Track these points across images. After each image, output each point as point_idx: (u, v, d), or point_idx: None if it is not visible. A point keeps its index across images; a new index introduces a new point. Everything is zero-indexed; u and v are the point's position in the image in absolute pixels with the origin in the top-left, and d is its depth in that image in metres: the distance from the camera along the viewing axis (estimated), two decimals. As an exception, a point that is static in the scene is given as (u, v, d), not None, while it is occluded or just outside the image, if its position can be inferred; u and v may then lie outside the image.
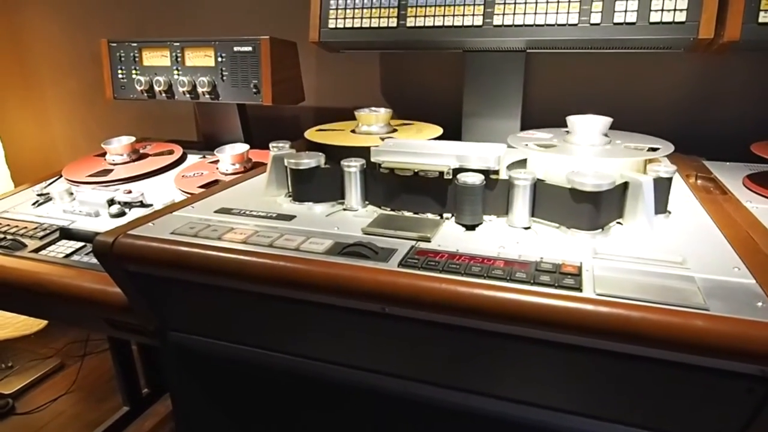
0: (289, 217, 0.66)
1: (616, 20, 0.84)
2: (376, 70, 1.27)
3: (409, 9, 0.95)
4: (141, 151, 1.23)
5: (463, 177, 0.60)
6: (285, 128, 1.41)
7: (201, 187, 1.01)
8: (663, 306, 0.43)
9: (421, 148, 0.66)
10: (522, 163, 0.79)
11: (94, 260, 0.83)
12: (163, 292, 0.64)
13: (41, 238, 0.89)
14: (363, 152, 0.69)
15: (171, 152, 1.23)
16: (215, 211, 0.69)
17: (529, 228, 0.61)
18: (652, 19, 0.82)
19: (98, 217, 0.94)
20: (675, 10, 0.81)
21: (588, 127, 0.78)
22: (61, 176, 1.15)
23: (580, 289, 0.46)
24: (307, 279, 0.53)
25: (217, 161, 1.12)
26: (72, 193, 1.03)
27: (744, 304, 0.43)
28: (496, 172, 0.63)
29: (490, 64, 1.00)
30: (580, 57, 1.09)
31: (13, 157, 1.66)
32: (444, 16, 0.93)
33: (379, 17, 0.97)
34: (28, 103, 1.71)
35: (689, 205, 0.68)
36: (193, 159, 1.22)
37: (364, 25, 0.99)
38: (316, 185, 0.69)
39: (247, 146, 1.08)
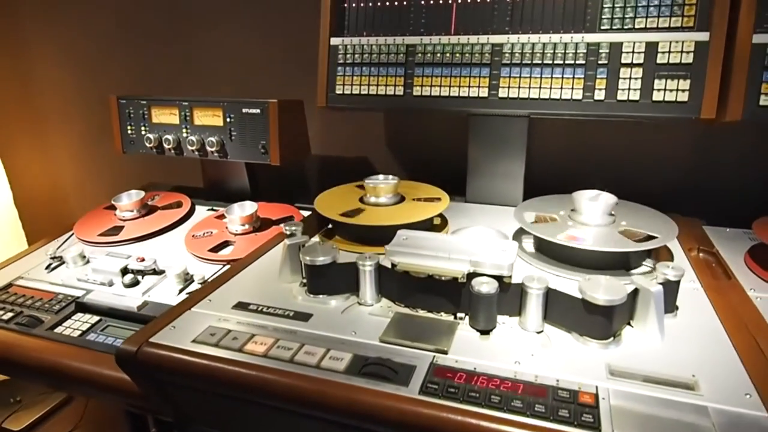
0: (306, 317, 0.65)
1: (619, 98, 0.84)
2: (380, 121, 1.26)
3: (416, 78, 0.94)
4: (149, 203, 1.21)
5: (477, 285, 0.60)
6: (290, 175, 1.40)
7: (211, 250, 1.00)
8: (681, 450, 0.43)
9: (435, 248, 0.65)
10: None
11: (110, 340, 0.83)
12: (185, 396, 0.63)
13: (57, 312, 0.88)
14: (374, 231, 0.68)
15: (179, 204, 1.21)
16: (233, 307, 0.68)
17: (542, 332, 0.61)
18: (654, 98, 0.82)
19: (112, 286, 0.94)
20: (677, 90, 0.81)
21: (593, 209, 0.78)
22: (72, 233, 1.14)
23: (599, 428, 0.46)
24: (328, 402, 0.52)
25: (223, 216, 1.12)
26: (85, 257, 1.02)
27: (760, 451, 0.43)
28: (510, 276, 0.62)
29: (494, 126, 0.99)
30: (585, 121, 1.09)
31: (20, 197, 1.65)
32: (450, 86, 0.92)
33: (386, 85, 0.96)
34: (35, 144, 1.69)
35: (696, 298, 0.68)
36: (201, 211, 1.21)
37: (370, 92, 0.98)
38: (331, 279, 0.69)
39: (255, 206, 1.07)
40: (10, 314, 0.87)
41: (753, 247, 0.81)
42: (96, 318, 0.87)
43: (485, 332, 0.61)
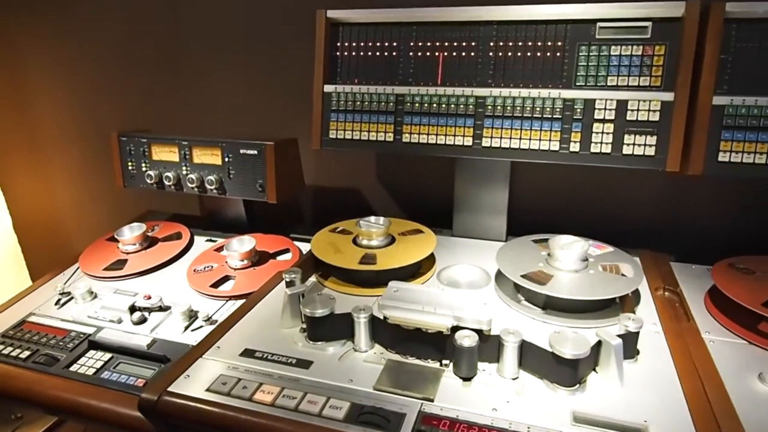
0: (308, 364, 0.74)
1: (593, 150, 0.93)
2: (372, 157, 1.34)
3: (405, 126, 1.03)
4: (150, 233, 1.29)
5: (460, 339, 0.69)
6: (284, 205, 1.48)
7: (212, 285, 1.08)
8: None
9: (422, 301, 0.74)
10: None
11: (123, 378, 0.91)
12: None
13: (71, 350, 0.95)
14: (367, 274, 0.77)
15: (179, 236, 1.29)
16: (240, 354, 0.77)
17: (517, 378, 0.70)
18: (624, 152, 0.91)
19: (121, 323, 1.01)
20: (645, 145, 0.90)
21: (567, 256, 0.87)
22: (77, 267, 1.21)
23: (561, 474, 0.55)
24: (330, 449, 0.61)
25: (221, 247, 1.20)
26: (92, 292, 1.10)
27: (692, 494, 0.53)
28: (489, 330, 0.71)
29: (479, 168, 1.08)
30: (563, 165, 1.18)
31: (19, 223, 1.71)
32: (437, 135, 1.01)
33: (377, 131, 1.05)
34: (34, 172, 1.75)
35: (656, 341, 0.77)
36: (200, 242, 1.29)
37: (362, 138, 1.06)
38: (329, 328, 0.78)
39: (254, 241, 1.15)
40: (27, 352, 0.95)
41: (712, 288, 0.90)
42: (108, 355, 0.94)
43: (467, 379, 0.70)
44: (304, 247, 1.22)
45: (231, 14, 1.35)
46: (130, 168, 1.27)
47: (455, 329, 0.71)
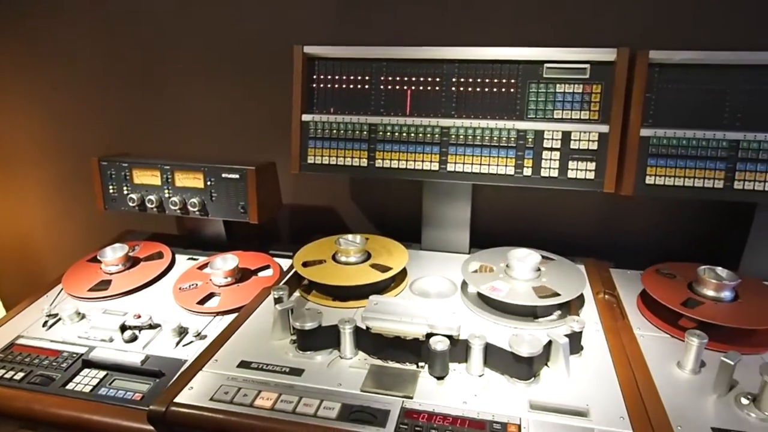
0: (300, 371, 0.85)
1: (542, 174, 1.08)
2: (345, 178, 1.46)
3: (378, 152, 1.15)
4: (131, 254, 1.35)
5: (434, 344, 0.81)
6: (262, 224, 1.58)
7: (199, 302, 1.17)
8: (572, 462, 0.67)
9: (400, 313, 0.87)
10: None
11: (121, 393, 0.98)
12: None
13: (66, 369, 1.02)
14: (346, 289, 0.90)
15: (161, 255, 1.36)
16: (237, 366, 0.86)
17: (482, 375, 0.83)
18: (569, 176, 1.07)
19: (113, 341, 1.08)
20: (586, 170, 1.06)
21: (521, 267, 1.01)
22: (61, 289, 1.26)
23: (520, 450, 0.69)
24: (326, 443, 0.72)
25: (204, 265, 1.28)
26: (80, 313, 1.15)
27: (622, 460, 0.67)
28: (458, 335, 0.84)
29: (444, 188, 1.22)
30: (518, 187, 1.33)
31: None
32: (407, 160, 1.14)
33: (352, 157, 1.17)
34: (4, 190, 1.76)
35: (597, 338, 0.93)
36: (181, 260, 1.36)
37: (339, 163, 1.18)
38: (317, 339, 0.89)
39: (236, 259, 1.24)
40: (21, 374, 1.00)
41: (643, 291, 1.07)
42: (103, 373, 1.01)
43: (440, 378, 0.83)
44: (284, 263, 1.32)
45: (208, 42, 1.44)
46: (111, 191, 1.34)
47: (429, 335, 0.83)
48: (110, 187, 1.34)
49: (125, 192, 1.33)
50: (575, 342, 0.87)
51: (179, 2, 1.41)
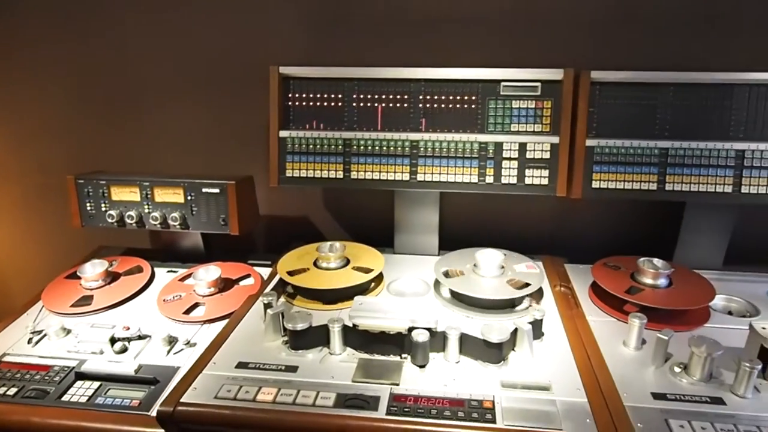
0: (294, 368, 0.94)
1: (503, 181, 1.23)
2: (320, 188, 1.56)
3: (353, 165, 1.27)
4: (110, 269, 1.40)
5: (415, 336, 0.93)
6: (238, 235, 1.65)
7: (185, 312, 1.23)
8: (541, 428, 0.80)
9: (383, 310, 0.98)
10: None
11: (118, 401, 1.04)
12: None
13: (59, 382, 1.06)
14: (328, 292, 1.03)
15: (140, 269, 1.42)
16: (236, 367, 0.95)
17: (459, 362, 0.96)
18: (526, 182, 1.22)
19: (103, 354, 1.13)
20: (540, 177, 1.21)
21: (488, 265, 1.15)
22: (42, 306, 1.29)
23: (494, 422, 0.81)
24: (325, 428, 0.82)
25: (186, 277, 1.35)
26: (65, 329, 1.20)
27: (580, 423, 0.81)
28: (436, 328, 0.96)
29: (414, 198, 1.34)
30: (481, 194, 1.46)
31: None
32: (380, 172, 1.26)
33: (329, 170, 1.27)
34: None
35: (555, 325, 1.07)
36: (161, 273, 1.42)
37: (316, 176, 1.28)
38: (308, 338, 0.99)
39: (219, 270, 1.31)
40: (14, 389, 1.04)
41: (593, 282, 1.23)
42: (96, 384, 1.06)
43: (422, 366, 0.95)
44: (263, 271, 1.40)
45: (182, 61, 1.51)
46: (88, 208, 1.38)
47: (411, 329, 0.95)
48: (87, 204, 1.38)
49: (103, 209, 1.38)
50: (537, 329, 1.01)
51: (153, 21, 1.48)
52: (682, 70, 1.19)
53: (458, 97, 1.24)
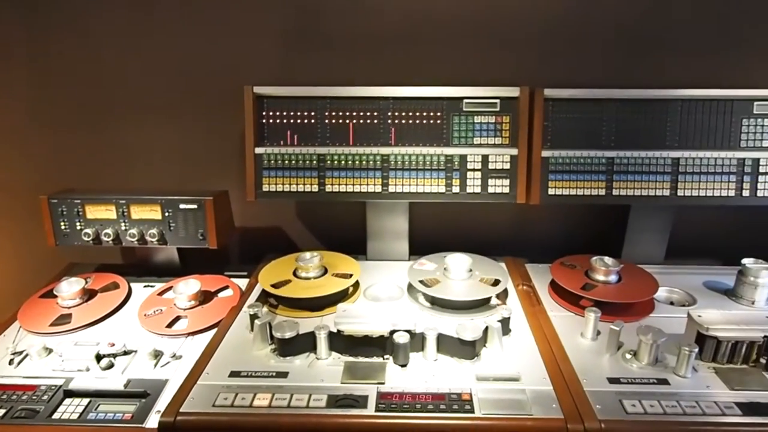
0: (285, 374, 1.02)
1: (468, 191, 1.34)
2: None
3: (327, 179, 1.35)
4: (86, 286, 1.41)
5: (397, 338, 1.02)
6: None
7: (168, 326, 1.28)
8: (514, 415, 0.91)
9: (366, 315, 1.07)
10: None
11: (110, 415, 1.08)
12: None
13: (48, 401, 1.09)
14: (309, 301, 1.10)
15: (116, 285, 1.44)
16: (229, 376, 1.01)
17: (437, 360, 1.06)
18: (489, 191, 1.34)
19: (89, 371, 1.16)
20: (502, 186, 1.34)
21: (458, 268, 1.26)
22: (19, 327, 1.30)
23: (473, 411, 0.92)
24: (320, 427, 0.90)
25: (164, 291, 1.39)
26: (47, 348, 1.22)
27: (548, 408, 0.92)
28: (415, 330, 1.06)
29: (386, 208, 1.44)
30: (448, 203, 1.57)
31: None
32: (354, 185, 1.35)
33: (304, 184, 1.35)
34: None
35: (521, 321, 1.19)
36: (137, 288, 1.45)
37: (292, 189, 1.35)
38: (295, 345, 1.06)
39: (198, 283, 1.36)
40: (2, 410, 1.06)
41: (552, 280, 1.36)
42: (86, 401, 1.09)
43: (404, 365, 1.04)
44: (241, 282, 1.46)
45: (154, 79, 1.54)
46: (62, 227, 1.40)
47: (392, 332, 1.04)
48: (61, 223, 1.40)
49: (78, 227, 1.40)
50: (505, 326, 1.12)
51: (125, 35, 1.50)
52: (624, 88, 1.34)
53: (425, 114, 1.34)
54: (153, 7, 1.45)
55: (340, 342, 1.07)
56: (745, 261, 1.26)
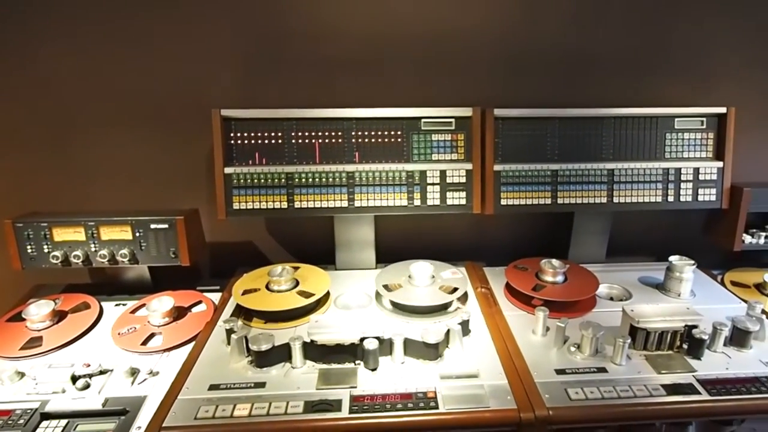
0: (263, 384, 1.07)
1: (428, 203, 1.44)
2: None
3: (296, 196, 1.41)
4: (55, 307, 1.42)
5: (367, 344, 1.10)
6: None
7: (143, 344, 1.30)
8: (473, 408, 1.00)
9: (337, 325, 1.14)
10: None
11: (89, 434, 1.10)
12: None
13: (24, 425, 1.10)
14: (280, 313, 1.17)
15: (87, 306, 1.45)
16: (208, 389, 1.06)
17: (404, 362, 1.14)
18: (448, 203, 1.44)
19: (65, 392, 1.18)
20: (459, 198, 1.44)
21: (421, 275, 1.35)
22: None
23: (437, 407, 1.00)
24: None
25: (137, 309, 1.42)
26: (19, 372, 1.22)
27: (503, 400, 1.02)
28: (383, 336, 1.14)
29: (352, 221, 1.52)
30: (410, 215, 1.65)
31: None
32: (321, 201, 1.42)
33: (273, 201, 1.41)
34: None
35: (479, 322, 1.29)
36: (109, 308, 1.46)
37: (262, 207, 1.41)
38: (271, 357, 1.12)
39: (172, 300, 1.39)
40: (-21, 438, 1.07)
41: (507, 282, 1.47)
42: (64, 422, 1.11)
43: (374, 369, 1.12)
44: (213, 297, 1.50)
45: (115, 100, 1.55)
46: (29, 251, 1.40)
47: (362, 340, 1.12)
48: (28, 247, 1.40)
49: (46, 250, 1.40)
50: (465, 327, 1.22)
51: (86, 61, 1.51)
52: (565, 107, 1.47)
53: (386, 133, 1.43)
54: (115, 28, 1.47)
55: (314, 351, 1.13)
56: (672, 258, 1.42)
